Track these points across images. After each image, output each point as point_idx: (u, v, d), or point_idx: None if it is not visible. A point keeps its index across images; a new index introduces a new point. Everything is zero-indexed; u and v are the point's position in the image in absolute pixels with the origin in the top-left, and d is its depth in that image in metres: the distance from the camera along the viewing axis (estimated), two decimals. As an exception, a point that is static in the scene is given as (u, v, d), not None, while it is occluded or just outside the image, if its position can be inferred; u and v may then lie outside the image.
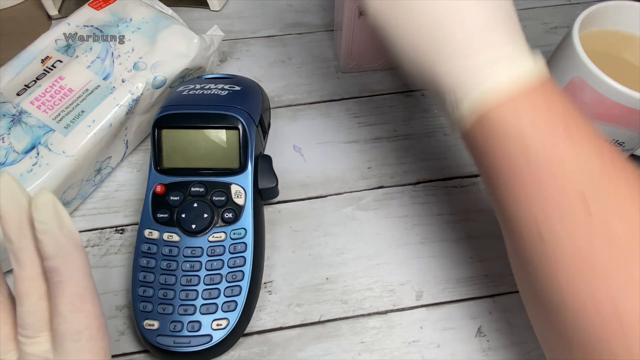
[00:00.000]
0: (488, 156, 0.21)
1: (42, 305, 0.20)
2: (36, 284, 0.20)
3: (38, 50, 0.37)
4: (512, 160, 0.20)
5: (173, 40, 0.38)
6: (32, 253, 0.19)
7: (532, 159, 0.20)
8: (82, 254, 0.20)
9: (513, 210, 0.21)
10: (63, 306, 0.19)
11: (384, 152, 0.40)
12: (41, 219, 0.19)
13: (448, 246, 0.35)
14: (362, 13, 0.37)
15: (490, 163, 0.21)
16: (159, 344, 0.29)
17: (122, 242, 0.36)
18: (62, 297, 0.19)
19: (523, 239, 0.21)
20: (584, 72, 0.29)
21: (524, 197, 0.20)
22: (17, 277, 0.20)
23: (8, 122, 0.33)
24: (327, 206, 0.37)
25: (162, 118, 0.33)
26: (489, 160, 0.21)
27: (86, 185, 0.36)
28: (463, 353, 0.31)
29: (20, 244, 0.19)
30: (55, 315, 0.19)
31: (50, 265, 0.19)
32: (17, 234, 0.19)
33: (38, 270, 0.20)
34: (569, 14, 0.49)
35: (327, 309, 0.33)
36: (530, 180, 0.20)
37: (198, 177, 0.33)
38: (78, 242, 0.20)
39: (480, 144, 0.21)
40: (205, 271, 0.31)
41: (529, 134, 0.20)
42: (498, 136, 0.20)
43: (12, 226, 0.19)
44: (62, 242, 0.19)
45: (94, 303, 0.20)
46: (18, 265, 0.20)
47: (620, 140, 0.31)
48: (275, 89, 0.44)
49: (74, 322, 0.20)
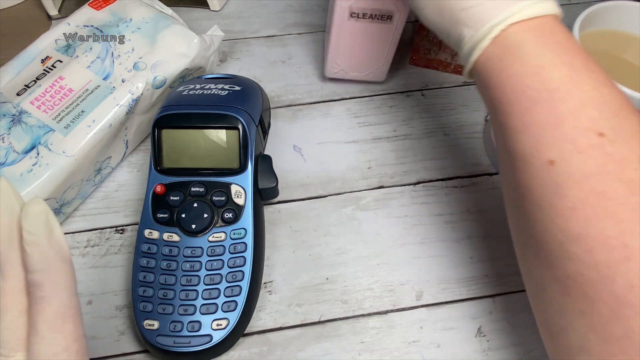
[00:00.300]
0: (505, 87, 0.22)
1: (22, 322, 0.19)
2: (18, 299, 0.18)
3: (38, 50, 0.37)
4: (530, 92, 0.21)
5: (173, 40, 0.38)
6: (19, 265, 0.18)
7: (554, 94, 0.20)
8: (69, 269, 0.19)
9: (524, 138, 0.21)
10: (42, 324, 0.18)
11: (384, 152, 0.40)
12: (30, 229, 0.18)
13: (448, 246, 0.35)
14: (352, 15, 0.36)
15: (505, 94, 0.22)
16: (159, 344, 0.29)
17: (122, 242, 0.36)
18: (42, 314, 0.18)
19: (531, 164, 0.21)
20: (584, 72, 0.29)
21: (539, 127, 0.21)
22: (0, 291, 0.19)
23: (8, 122, 0.33)
24: (327, 206, 0.37)
25: (162, 118, 0.33)
26: (505, 92, 0.22)
27: (86, 185, 0.36)
28: (463, 353, 0.31)
29: (7, 255, 0.18)
30: (33, 334, 0.18)
31: (33, 279, 0.18)
32: (6, 244, 0.18)
33: (22, 284, 0.19)
34: (569, 14, 0.49)
35: (327, 309, 0.33)
36: (547, 115, 0.20)
37: (198, 177, 0.33)
38: (66, 257, 0.19)
39: (497, 76, 0.22)
40: (205, 271, 0.31)
41: (551, 68, 0.20)
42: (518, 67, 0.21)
43: (2, 236, 0.18)
44: (50, 255, 0.18)
45: (76, 324, 0.19)
46: (2, 277, 0.18)
47: (620, 140, 0.31)
48: (275, 89, 0.44)
49: (51, 343, 0.18)
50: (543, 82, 0.21)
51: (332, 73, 0.42)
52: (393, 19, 0.36)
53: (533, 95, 0.21)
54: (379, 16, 0.35)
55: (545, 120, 0.20)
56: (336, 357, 0.31)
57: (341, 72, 0.42)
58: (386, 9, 0.35)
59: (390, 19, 0.36)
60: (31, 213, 0.18)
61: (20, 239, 0.18)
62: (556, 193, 0.20)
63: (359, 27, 0.37)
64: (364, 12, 0.35)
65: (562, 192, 0.20)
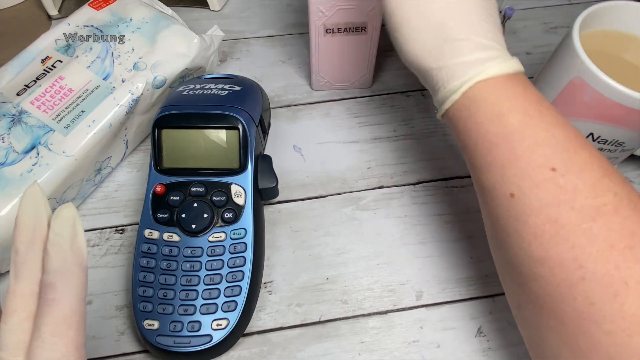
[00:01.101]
0: (470, 132, 0.25)
1: (27, 326, 0.19)
2: (27, 303, 0.19)
3: (38, 50, 0.37)
4: (491, 136, 0.24)
5: (173, 40, 0.38)
6: (34, 269, 0.19)
7: (510, 136, 0.23)
8: (83, 275, 0.19)
9: (489, 175, 0.24)
10: (46, 327, 0.18)
11: (384, 152, 0.40)
12: (57, 230, 0.19)
13: (448, 246, 0.35)
14: (327, 31, 0.37)
15: (471, 137, 0.25)
16: (159, 344, 0.29)
17: (122, 242, 0.36)
18: (49, 316, 0.18)
19: (496, 196, 0.24)
20: (584, 72, 0.29)
21: (500, 166, 0.24)
22: (10, 292, 0.19)
23: (8, 122, 0.33)
24: (327, 206, 0.37)
25: (162, 118, 0.33)
26: (470, 135, 0.25)
27: (86, 185, 0.36)
28: (463, 353, 0.31)
29: (25, 257, 0.19)
30: (35, 337, 0.18)
31: (48, 280, 0.19)
32: (26, 245, 0.19)
33: (33, 289, 0.19)
34: (569, 14, 0.49)
35: (327, 309, 0.33)
36: (507, 154, 0.23)
37: (198, 177, 0.33)
38: (83, 263, 0.19)
39: (465, 122, 0.25)
40: (205, 271, 0.31)
41: (508, 115, 0.24)
42: (481, 115, 0.24)
43: (24, 237, 0.19)
44: (68, 258, 0.19)
45: (79, 331, 0.19)
46: (15, 279, 0.19)
47: (620, 140, 0.31)
48: (275, 89, 0.44)
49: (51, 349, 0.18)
50: (502, 126, 0.24)
51: (319, 86, 0.43)
52: (367, 29, 0.37)
53: (494, 138, 0.24)
54: (353, 28, 0.37)
55: (504, 159, 0.23)
56: (336, 357, 0.31)
57: (327, 84, 0.43)
58: (359, 21, 0.36)
59: (364, 30, 0.37)
60: (61, 216, 0.19)
61: (41, 245, 0.19)
62: (519, 221, 0.23)
63: (336, 41, 0.38)
64: (338, 27, 0.37)
65: (523, 220, 0.23)
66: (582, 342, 0.21)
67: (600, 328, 0.20)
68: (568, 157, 0.22)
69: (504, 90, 0.24)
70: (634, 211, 0.21)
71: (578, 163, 0.22)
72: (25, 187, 0.31)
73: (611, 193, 0.22)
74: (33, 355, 0.18)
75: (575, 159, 0.22)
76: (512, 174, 0.23)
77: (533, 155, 0.23)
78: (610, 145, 0.31)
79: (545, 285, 0.22)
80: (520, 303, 0.25)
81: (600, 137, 0.31)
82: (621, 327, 0.20)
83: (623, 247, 0.20)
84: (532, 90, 0.25)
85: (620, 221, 0.21)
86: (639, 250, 0.20)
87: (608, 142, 0.31)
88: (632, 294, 0.20)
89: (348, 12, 0.35)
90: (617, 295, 0.20)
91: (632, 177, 0.39)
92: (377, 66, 0.45)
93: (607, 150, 0.32)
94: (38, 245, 0.19)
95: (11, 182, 0.31)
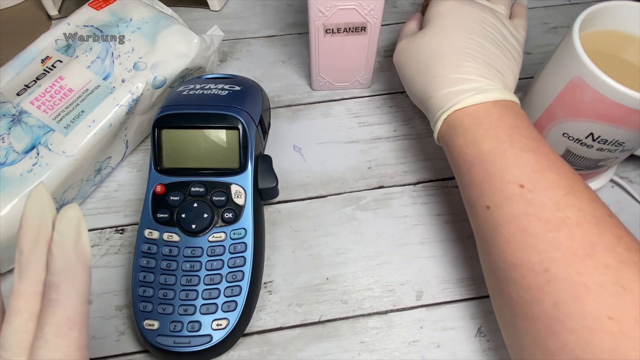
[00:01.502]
0: (454, 153, 0.30)
1: (30, 326, 0.19)
2: (31, 303, 0.19)
3: (38, 50, 0.37)
4: (469, 158, 0.28)
5: (173, 40, 0.38)
6: (38, 269, 0.19)
7: (484, 158, 0.27)
8: (86, 276, 0.19)
9: (471, 190, 0.28)
10: (49, 327, 0.18)
11: (384, 152, 0.40)
12: (62, 231, 0.19)
13: (448, 246, 0.36)
14: (327, 31, 0.37)
15: (455, 158, 0.30)
16: (159, 344, 0.29)
17: (122, 242, 0.36)
18: (52, 317, 0.18)
19: (475, 209, 0.28)
20: (584, 72, 0.29)
21: (477, 183, 0.28)
22: (14, 292, 0.19)
23: (8, 122, 0.33)
24: (327, 206, 0.37)
25: (162, 118, 0.33)
26: (454, 157, 0.30)
27: (86, 185, 0.36)
28: (463, 353, 0.32)
29: (29, 257, 0.19)
30: (38, 338, 0.18)
31: (51, 281, 0.19)
32: (30, 246, 0.19)
33: (37, 288, 0.19)
34: (569, 14, 0.49)
35: (327, 309, 0.33)
36: (482, 173, 0.27)
37: (198, 177, 0.33)
38: (87, 264, 0.19)
39: (450, 145, 0.30)
40: (205, 271, 0.31)
41: (481, 140, 0.28)
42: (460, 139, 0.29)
43: (29, 238, 0.19)
44: (72, 259, 0.19)
45: (82, 332, 0.19)
46: (20, 279, 0.19)
47: (621, 140, 0.31)
48: (275, 89, 0.44)
49: (54, 349, 0.18)
50: (476, 150, 0.28)
51: (319, 86, 0.43)
52: (367, 30, 0.37)
53: (471, 159, 0.28)
54: (353, 29, 0.37)
55: (480, 177, 0.27)
56: (336, 357, 0.31)
57: (327, 84, 0.43)
58: (358, 21, 0.36)
59: (364, 30, 0.37)
60: (66, 216, 0.19)
61: (45, 245, 0.19)
62: (494, 231, 0.26)
63: (336, 42, 0.38)
64: (338, 27, 0.37)
65: (498, 230, 0.26)
66: (551, 343, 0.23)
67: (564, 327, 0.22)
68: (536, 177, 0.26)
69: (478, 118, 0.28)
70: (597, 226, 0.24)
71: (544, 183, 0.25)
72: (26, 187, 0.32)
73: (575, 208, 0.24)
74: (36, 356, 0.18)
75: (542, 179, 0.25)
76: (487, 189, 0.27)
77: (503, 174, 0.26)
78: (610, 145, 0.31)
79: (517, 289, 0.25)
80: (500, 307, 0.27)
81: (600, 137, 0.31)
82: (582, 325, 0.22)
83: (584, 255, 0.23)
84: (509, 117, 0.28)
85: (582, 233, 0.23)
86: (599, 258, 0.23)
87: (608, 142, 0.31)
88: (591, 296, 0.22)
89: (348, 12, 0.35)
90: (578, 296, 0.22)
91: (632, 177, 0.39)
92: (377, 66, 0.45)
93: (607, 150, 0.32)
94: (42, 245, 0.19)
95: (11, 182, 0.31)
